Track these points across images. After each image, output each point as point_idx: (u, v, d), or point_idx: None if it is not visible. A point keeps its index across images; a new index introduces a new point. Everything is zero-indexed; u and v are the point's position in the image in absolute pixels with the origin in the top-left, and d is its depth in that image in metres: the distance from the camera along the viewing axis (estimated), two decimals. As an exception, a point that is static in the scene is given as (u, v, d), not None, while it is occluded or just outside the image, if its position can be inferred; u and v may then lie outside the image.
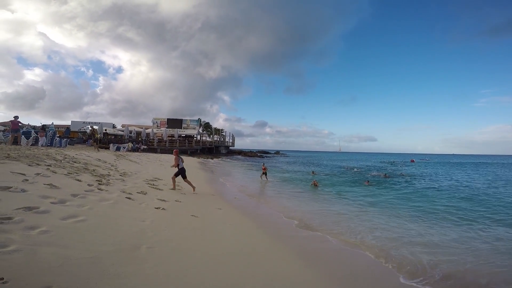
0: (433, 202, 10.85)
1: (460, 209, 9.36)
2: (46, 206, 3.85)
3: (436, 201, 10.97)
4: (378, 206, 9.59)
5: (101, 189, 5.86)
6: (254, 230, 5.70)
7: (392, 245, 5.32)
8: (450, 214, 8.46)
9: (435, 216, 8.21)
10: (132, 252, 3.20)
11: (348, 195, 11.88)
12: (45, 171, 6.04)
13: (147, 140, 35.88)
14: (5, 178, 4.64)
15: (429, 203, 10.45)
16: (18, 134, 14.93)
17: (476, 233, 6.50)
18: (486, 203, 10.66)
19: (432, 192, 13.87)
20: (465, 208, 9.65)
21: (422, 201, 10.85)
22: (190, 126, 46.27)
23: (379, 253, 4.85)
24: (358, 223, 7.00)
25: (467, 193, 13.52)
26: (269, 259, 4.03)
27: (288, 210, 8.15)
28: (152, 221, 4.60)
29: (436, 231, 6.55)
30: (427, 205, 9.99)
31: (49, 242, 2.84)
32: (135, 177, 9.00)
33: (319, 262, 4.24)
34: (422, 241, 5.68)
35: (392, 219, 7.55)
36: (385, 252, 4.91)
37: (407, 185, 16.67)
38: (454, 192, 13.93)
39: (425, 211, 8.92)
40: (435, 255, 4.83)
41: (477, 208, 9.75)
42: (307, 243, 5.25)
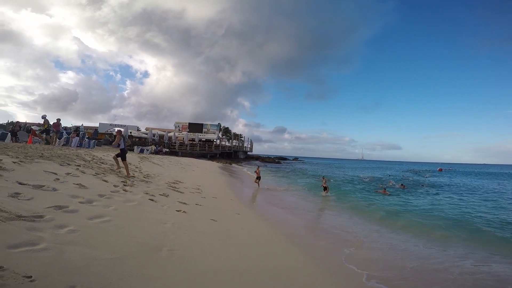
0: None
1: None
2: (75, 206, 3.98)
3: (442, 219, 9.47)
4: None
5: (126, 190, 6.02)
6: (273, 236, 5.63)
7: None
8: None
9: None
10: (154, 254, 3.22)
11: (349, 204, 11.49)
12: (75, 171, 6.30)
13: (169, 143, 36.91)
14: (39, 177, 4.88)
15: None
16: (54, 135, 15.95)
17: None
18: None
19: (442, 207, 11.95)
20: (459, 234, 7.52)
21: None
22: (210, 130, 47.13)
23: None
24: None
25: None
26: (289, 267, 3.94)
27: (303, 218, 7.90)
28: (173, 223, 4.63)
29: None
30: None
31: (76, 242, 2.90)
32: (157, 179, 9.20)
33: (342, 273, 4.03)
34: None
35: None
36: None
37: (417, 197, 15.23)
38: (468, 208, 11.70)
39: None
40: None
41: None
42: (325, 252, 5.07)
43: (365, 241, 6.19)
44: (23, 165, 5.37)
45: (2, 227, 2.68)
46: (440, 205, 12.44)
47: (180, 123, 48.63)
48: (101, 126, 43.95)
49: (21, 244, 2.50)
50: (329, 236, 6.49)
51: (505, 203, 13.01)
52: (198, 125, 47.65)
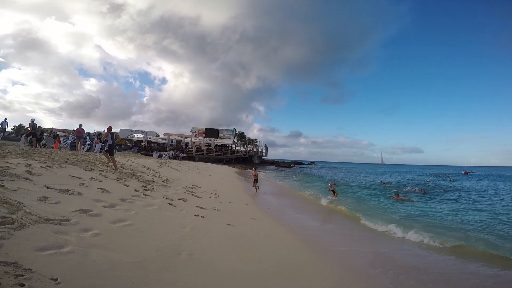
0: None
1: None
2: (99, 210, 4.09)
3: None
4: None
5: (146, 194, 6.14)
6: (290, 241, 5.55)
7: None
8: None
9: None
10: (173, 258, 3.25)
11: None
12: (98, 175, 6.52)
13: (186, 148, 37.61)
14: (65, 181, 5.08)
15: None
16: (80, 141, 16.76)
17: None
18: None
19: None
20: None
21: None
22: (226, 135, 47.59)
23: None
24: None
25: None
26: (307, 272, 3.88)
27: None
28: (192, 228, 4.66)
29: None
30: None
31: (99, 245, 2.96)
32: (176, 184, 9.34)
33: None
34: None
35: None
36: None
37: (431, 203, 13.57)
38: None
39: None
40: None
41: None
42: (346, 256, 4.89)
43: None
44: (51, 170, 5.62)
45: (31, 230, 2.79)
46: (459, 211, 11.32)
47: (197, 129, 49.53)
48: (121, 132, 45.57)
49: (49, 247, 2.58)
50: (346, 242, 6.26)
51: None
52: (214, 131, 48.30)
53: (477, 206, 12.83)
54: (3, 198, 3.29)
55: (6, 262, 2.13)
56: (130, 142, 40.03)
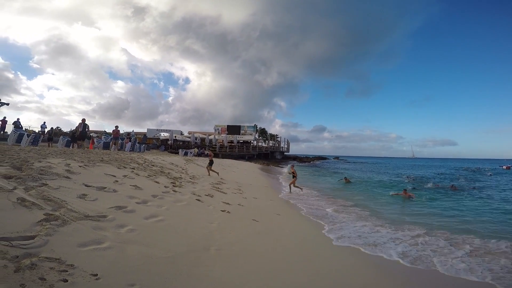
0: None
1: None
2: (133, 206, 4.27)
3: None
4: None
5: (175, 191, 6.33)
6: (315, 236, 5.47)
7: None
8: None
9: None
10: (202, 254, 3.32)
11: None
12: (131, 173, 6.83)
13: (210, 145, 38.38)
14: (101, 179, 5.37)
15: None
16: (117, 142, 17.80)
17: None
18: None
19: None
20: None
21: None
22: (247, 132, 47.77)
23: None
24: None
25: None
26: (333, 267, 3.84)
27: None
28: (219, 223, 4.73)
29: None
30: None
31: (135, 241, 3.08)
32: (202, 180, 9.55)
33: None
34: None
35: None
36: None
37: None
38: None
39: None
40: None
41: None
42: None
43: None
44: (87, 168, 5.97)
45: (73, 226, 2.96)
46: (482, 214, 8.85)
47: (220, 126, 50.22)
48: (149, 132, 47.49)
49: (89, 243, 2.72)
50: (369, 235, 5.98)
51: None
52: (236, 127, 48.67)
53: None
54: (47, 196, 3.53)
55: (52, 258, 2.27)
56: (157, 141, 41.65)
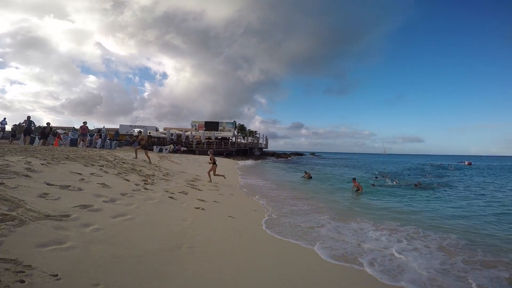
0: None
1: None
2: (99, 205, 4.11)
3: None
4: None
5: (146, 188, 6.16)
6: (290, 232, 5.52)
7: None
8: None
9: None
10: (174, 252, 3.26)
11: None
12: (99, 171, 6.53)
13: (186, 142, 37.62)
14: (65, 178, 5.09)
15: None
16: (85, 138, 16.83)
17: None
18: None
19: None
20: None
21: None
22: (226, 128, 47.51)
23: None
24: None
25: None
26: (306, 263, 3.85)
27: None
28: (193, 220, 4.68)
29: None
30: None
31: (100, 240, 2.98)
32: (176, 177, 9.37)
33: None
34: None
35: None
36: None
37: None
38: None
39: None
40: None
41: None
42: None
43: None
44: (51, 166, 5.63)
45: (32, 226, 2.80)
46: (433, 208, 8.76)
47: (197, 122, 49.41)
48: (121, 128, 45.52)
49: (49, 243, 2.59)
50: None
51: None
52: (214, 124, 48.18)
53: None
54: (3, 195, 3.29)
55: (7, 259, 2.14)
56: (130, 137, 40.03)
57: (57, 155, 7.52)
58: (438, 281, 3.48)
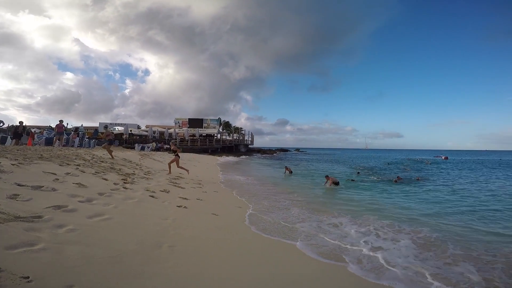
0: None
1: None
2: (74, 205, 3.98)
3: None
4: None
5: (126, 187, 6.02)
6: (275, 228, 5.59)
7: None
8: None
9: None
10: (154, 251, 3.21)
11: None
12: (75, 170, 6.31)
13: (169, 139, 36.94)
14: (38, 178, 4.88)
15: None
16: (62, 137, 16.09)
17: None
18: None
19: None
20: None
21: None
22: (211, 125, 47.06)
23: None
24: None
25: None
26: (292, 261, 3.84)
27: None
28: (174, 219, 4.62)
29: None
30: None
31: (75, 241, 2.89)
32: (158, 176, 9.21)
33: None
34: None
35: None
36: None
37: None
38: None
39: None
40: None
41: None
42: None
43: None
44: (22, 166, 5.37)
45: (0, 228, 2.68)
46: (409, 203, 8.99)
47: (180, 119, 48.54)
48: (101, 126, 43.91)
49: (19, 245, 2.49)
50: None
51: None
52: (198, 121, 47.55)
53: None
54: (-33, 197, 3.13)
55: (-28, 263, 2.05)
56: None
57: (29, 155, 7.18)
58: (412, 276, 3.58)
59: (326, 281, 3.31)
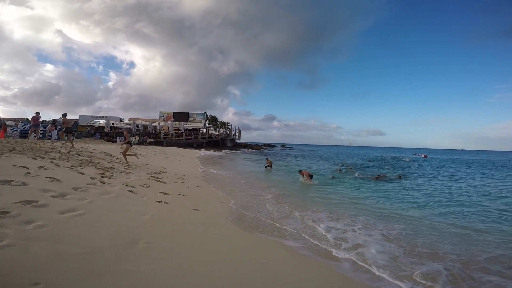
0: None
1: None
2: (46, 200, 3.82)
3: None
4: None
5: (103, 182, 5.84)
6: (258, 224, 5.62)
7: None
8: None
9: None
10: (129, 248, 3.13)
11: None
12: (49, 164, 6.05)
13: (153, 133, 36.14)
14: (7, 172, 4.64)
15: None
16: (38, 129, 15.35)
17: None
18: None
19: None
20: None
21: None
22: (196, 119, 46.42)
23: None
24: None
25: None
26: (273, 257, 3.82)
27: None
28: (153, 215, 4.54)
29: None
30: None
31: (43, 237, 2.79)
32: (139, 170, 9.00)
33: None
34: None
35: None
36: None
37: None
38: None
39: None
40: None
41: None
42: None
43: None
44: (-10, 159, 5.09)
45: (-40, 225, 2.54)
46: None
47: (165, 113, 47.51)
48: (81, 118, 42.28)
49: (-19, 242, 2.38)
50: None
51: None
52: (184, 114, 46.73)
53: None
54: None
55: None
56: (92, 128, 37.39)
57: (0, 147, 6.81)
58: (386, 271, 3.73)
59: (305, 277, 3.35)
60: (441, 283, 3.45)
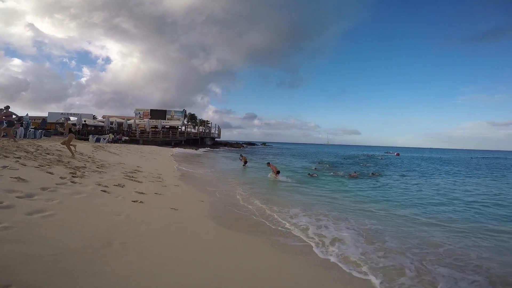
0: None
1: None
2: (11, 201, 3.63)
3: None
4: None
5: (74, 182, 5.61)
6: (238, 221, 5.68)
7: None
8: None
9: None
10: (103, 248, 3.07)
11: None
12: (14, 163, 5.70)
13: (129, 131, 34.85)
14: (-34, 172, 4.33)
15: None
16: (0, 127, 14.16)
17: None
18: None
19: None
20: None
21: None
22: (175, 117, 45.43)
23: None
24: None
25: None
26: (252, 255, 3.89)
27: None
28: (128, 215, 4.45)
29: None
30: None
31: (10, 239, 2.68)
32: (113, 169, 8.71)
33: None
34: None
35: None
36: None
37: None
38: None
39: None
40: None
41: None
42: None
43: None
44: None
45: None
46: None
47: (141, 110, 46.06)
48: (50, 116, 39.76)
49: None
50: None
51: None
52: (161, 112, 45.56)
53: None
54: None
55: None
56: (61, 126, 35.24)
57: (-45, 145, 6.29)
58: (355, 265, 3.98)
59: (284, 272, 3.44)
60: (408, 275, 3.66)
